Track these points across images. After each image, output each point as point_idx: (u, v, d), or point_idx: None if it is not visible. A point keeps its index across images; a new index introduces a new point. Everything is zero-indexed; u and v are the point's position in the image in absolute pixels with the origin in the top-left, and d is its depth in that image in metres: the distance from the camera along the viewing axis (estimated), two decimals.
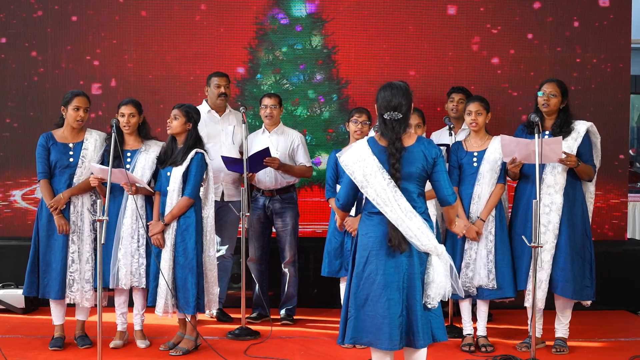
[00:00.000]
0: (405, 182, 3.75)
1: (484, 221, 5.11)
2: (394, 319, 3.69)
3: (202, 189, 5.13)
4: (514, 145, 4.97)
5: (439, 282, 3.74)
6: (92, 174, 5.05)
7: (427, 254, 3.76)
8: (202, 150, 5.11)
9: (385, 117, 3.79)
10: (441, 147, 5.35)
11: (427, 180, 3.86)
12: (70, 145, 5.14)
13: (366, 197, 3.82)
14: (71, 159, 5.11)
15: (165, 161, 5.12)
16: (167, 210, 5.04)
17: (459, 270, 5.12)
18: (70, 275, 5.06)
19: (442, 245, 3.82)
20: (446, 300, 3.87)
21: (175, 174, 5.04)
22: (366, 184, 3.75)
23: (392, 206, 3.70)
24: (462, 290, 5.01)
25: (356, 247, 3.87)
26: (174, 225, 5.05)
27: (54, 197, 5.05)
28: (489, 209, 5.12)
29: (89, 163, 5.10)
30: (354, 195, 3.88)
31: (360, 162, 3.77)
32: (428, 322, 3.75)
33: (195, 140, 5.12)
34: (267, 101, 5.85)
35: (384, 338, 3.70)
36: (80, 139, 5.17)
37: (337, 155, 4.15)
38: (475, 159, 5.18)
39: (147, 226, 5.09)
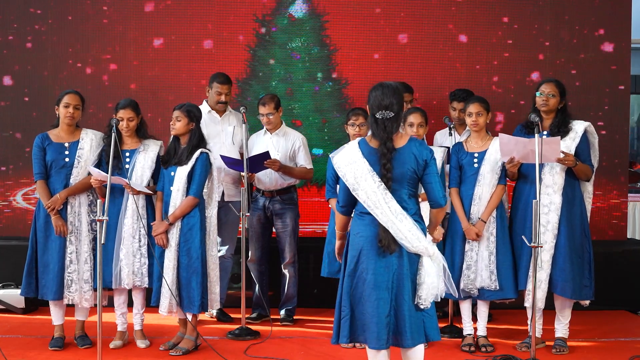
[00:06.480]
0: (396, 184, 3.75)
1: (485, 222, 5.11)
2: (381, 318, 3.71)
3: (205, 188, 5.13)
4: (513, 144, 4.96)
5: (431, 283, 3.74)
6: (89, 173, 5.05)
7: (418, 255, 3.77)
8: (206, 150, 5.11)
9: (377, 116, 3.77)
10: (442, 149, 5.36)
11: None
12: (66, 145, 5.12)
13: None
14: (67, 159, 5.09)
15: (168, 161, 5.12)
16: (171, 210, 5.03)
17: (460, 271, 5.13)
18: (69, 276, 5.05)
19: (434, 246, 3.81)
20: (439, 300, 3.87)
21: (180, 174, 5.04)
22: (357, 186, 3.75)
23: (382, 208, 3.70)
24: (456, 291, 5.01)
25: (348, 246, 3.88)
26: (178, 225, 5.04)
27: (50, 197, 5.04)
28: (489, 210, 5.11)
29: (85, 163, 5.09)
30: (354, 197, 3.84)
31: (351, 164, 3.77)
32: (420, 322, 3.76)
33: (199, 140, 5.12)
34: (262, 110, 5.77)
35: (372, 337, 3.72)
36: (75, 138, 5.15)
37: (330, 156, 4.04)
38: (475, 160, 5.17)
39: (150, 226, 5.09)
